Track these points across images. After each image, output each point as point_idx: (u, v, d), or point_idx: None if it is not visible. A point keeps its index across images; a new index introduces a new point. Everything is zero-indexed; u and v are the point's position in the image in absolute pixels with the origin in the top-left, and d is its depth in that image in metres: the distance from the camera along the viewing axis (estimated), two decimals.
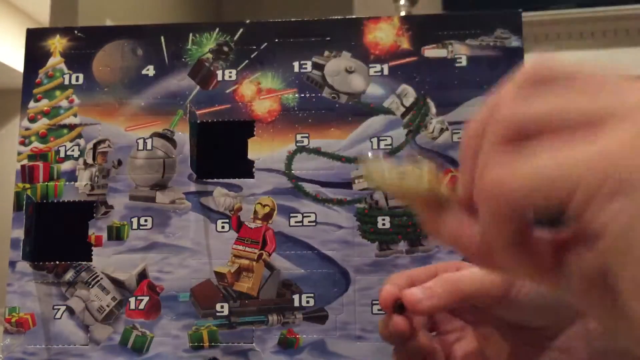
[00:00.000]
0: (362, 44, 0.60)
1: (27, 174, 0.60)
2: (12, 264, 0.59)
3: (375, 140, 0.58)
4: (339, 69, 0.60)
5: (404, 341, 0.35)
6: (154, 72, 0.61)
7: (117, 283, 0.58)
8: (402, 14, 2.70)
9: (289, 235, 0.57)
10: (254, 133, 0.59)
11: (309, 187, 0.58)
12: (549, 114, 0.19)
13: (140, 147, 0.60)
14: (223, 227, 0.58)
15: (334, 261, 0.57)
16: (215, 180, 0.59)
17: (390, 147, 0.58)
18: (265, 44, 0.61)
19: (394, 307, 0.34)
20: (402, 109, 0.59)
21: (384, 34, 0.60)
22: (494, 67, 0.59)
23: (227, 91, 0.60)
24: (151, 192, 0.59)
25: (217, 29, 0.62)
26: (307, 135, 0.59)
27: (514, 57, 0.59)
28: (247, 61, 0.61)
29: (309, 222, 0.57)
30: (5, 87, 3.88)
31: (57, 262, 0.59)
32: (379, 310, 0.56)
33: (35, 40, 0.63)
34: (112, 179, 0.59)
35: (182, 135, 0.60)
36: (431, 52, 0.60)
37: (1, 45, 3.61)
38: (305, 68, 0.60)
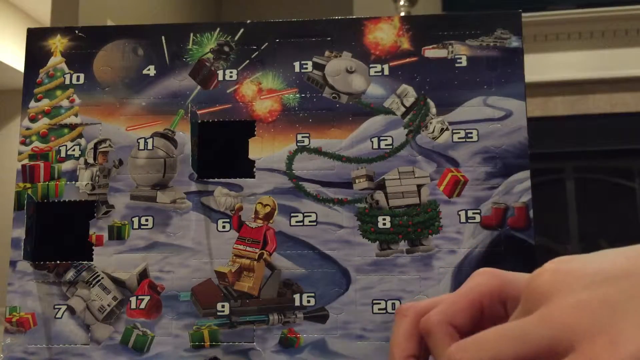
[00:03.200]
0: (363, 44, 0.60)
1: (27, 174, 0.60)
2: (13, 263, 0.59)
3: (375, 140, 0.59)
4: (340, 69, 0.60)
5: None
6: (154, 72, 0.61)
7: (118, 282, 0.58)
8: (402, 14, 2.70)
9: (289, 234, 0.57)
10: (255, 133, 0.59)
11: (309, 187, 0.58)
12: None
13: (141, 146, 0.60)
14: (224, 227, 0.58)
15: (335, 261, 0.57)
16: (216, 180, 0.59)
17: (390, 147, 0.58)
18: (266, 44, 0.61)
19: None
20: (403, 109, 0.59)
21: (384, 34, 0.60)
22: (494, 68, 0.59)
23: (228, 91, 0.60)
24: (152, 191, 0.59)
25: (218, 29, 0.62)
26: (307, 135, 0.59)
27: (514, 57, 0.59)
28: (247, 61, 0.61)
29: (309, 221, 0.57)
30: (5, 87, 3.88)
31: (58, 262, 0.59)
32: (379, 309, 0.56)
33: (36, 40, 0.63)
34: (113, 179, 0.60)
35: (183, 135, 0.60)
36: (431, 52, 0.60)
37: (2, 45, 3.61)
38: (306, 68, 0.60)
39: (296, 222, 0.58)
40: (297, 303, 0.56)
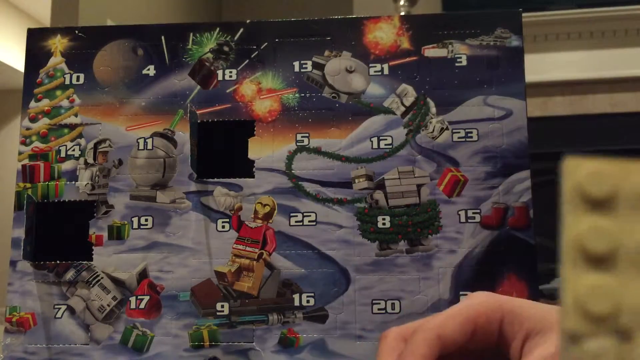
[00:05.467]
0: (363, 43, 0.60)
1: (27, 174, 0.60)
2: (13, 263, 0.59)
3: (375, 139, 0.59)
4: (339, 69, 0.60)
5: None
6: (154, 71, 0.61)
7: (117, 282, 0.58)
8: (402, 13, 2.70)
9: (289, 234, 0.57)
10: (255, 133, 0.59)
11: (309, 187, 0.58)
12: None
13: (141, 146, 0.60)
14: (223, 227, 0.58)
15: (334, 261, 0.57)
16: (216, 179, 0.59)
17: (390, 146, 0.58)
18: (266, 43, 0.61)
19: None
20: (402, 109, 0.59)
21: (384, 34, 0.60)
22: (494, 67, 0.59)
23: (228, 91, 0.60)
24: (152, 191, 0.59)
25: (218, 29, 0.62)
26: (307, 134, 0.59)
27: (514, 56, 0.59)
28: (247, 61, 0.61)
29: (309, 221, 0.57)
30: (5, 87, 3.88)
31: (58, 262, 0.59)
32: (379, 309, 0.56)
33: (36, 40, 0.63)
34: (113, 179, 0.60)
35: (183, 135, 0.60)
36: (431, 51, 0.60)
37: (2, 45, 3.61)
38: (306, 68, 0.60)
39: (296, 222, 0.58)
40: (296, 303, 0.56)
